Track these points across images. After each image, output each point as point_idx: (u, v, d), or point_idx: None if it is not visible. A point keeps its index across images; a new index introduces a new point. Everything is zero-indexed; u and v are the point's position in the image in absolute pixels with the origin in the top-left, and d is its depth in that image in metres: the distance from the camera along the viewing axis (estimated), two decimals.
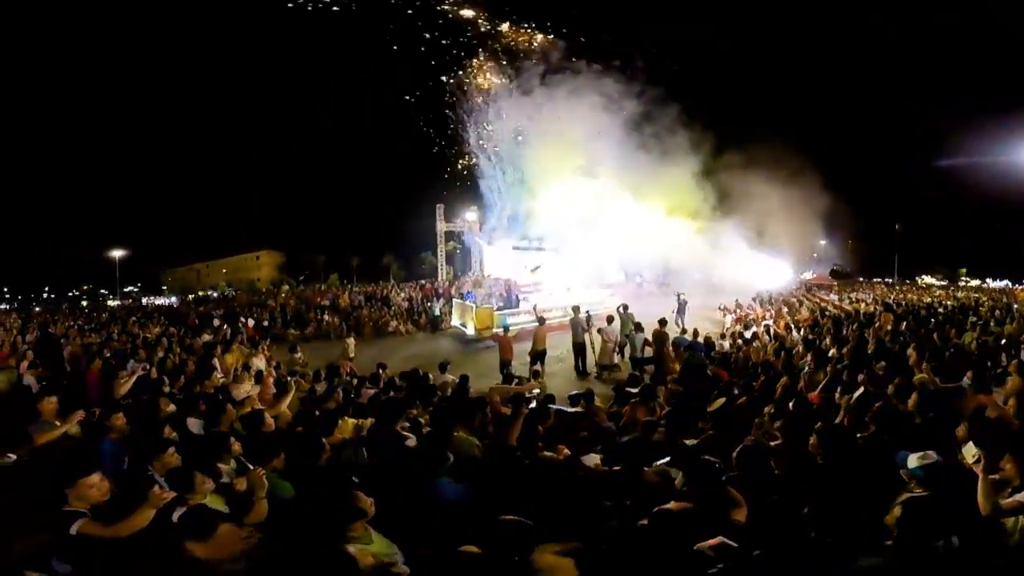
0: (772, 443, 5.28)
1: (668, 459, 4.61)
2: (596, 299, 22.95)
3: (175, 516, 3.67)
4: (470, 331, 22.52)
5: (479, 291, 25.33)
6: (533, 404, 6.55)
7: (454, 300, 26.52)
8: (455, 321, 24.88)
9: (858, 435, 5.47)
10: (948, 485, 3.87)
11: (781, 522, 3.49)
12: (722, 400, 7.91)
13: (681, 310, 21.63)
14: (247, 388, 8.79)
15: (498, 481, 4.49)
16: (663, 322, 15.60)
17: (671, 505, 3.51)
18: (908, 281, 61.12)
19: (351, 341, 18.57)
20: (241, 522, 3.69)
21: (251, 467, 4.39)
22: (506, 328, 20.60)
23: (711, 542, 2.90)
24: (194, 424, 6.53)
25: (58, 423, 5.99)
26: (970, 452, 4.58)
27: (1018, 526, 3.51)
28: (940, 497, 3.70)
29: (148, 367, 10.31)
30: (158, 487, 3.92)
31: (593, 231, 28.29)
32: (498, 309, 22.39)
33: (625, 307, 16.85)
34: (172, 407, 7.47)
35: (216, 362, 12.32)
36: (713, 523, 3.30)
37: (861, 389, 7.01)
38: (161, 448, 4.78)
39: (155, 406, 7.22)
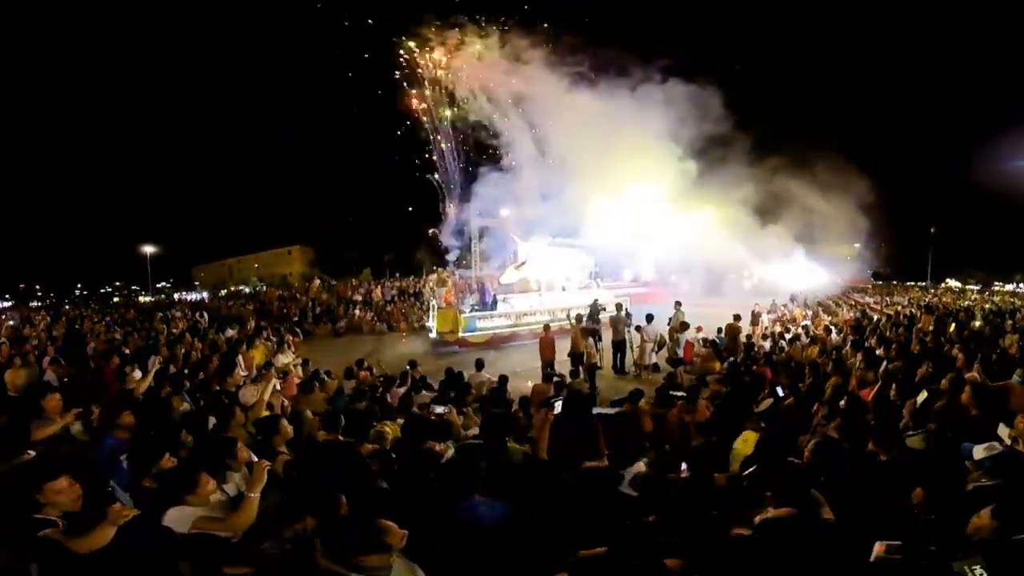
0: None
1: (755, 467, 4.49)
2: (599, 300, 20.41)
3: (167, 519, 3.60)
4: (432, 334, 21.52)
5: (441, 290, 23.74)
6: (558, 408, 6.36)
7: (431, 300, 24.66)
8: (429, 322, 22.86)
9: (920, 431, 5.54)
10: (1014, 474, 3.94)
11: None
12: (770, 401, 7.86)
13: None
14: (254, 390, 8.39)
15: (537, 497, 4.20)
16: (737, 317, 16.22)
17: (773, 512, 3.43)
18: (942, 284, 60.33)
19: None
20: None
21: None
22: (473, 331, 20.31)
23: (879, 548, 2.83)
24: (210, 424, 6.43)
25: (59, 419, 5.99)
26: (1004, 432, 4.75)
27: None
28: (1008, 486, 3.76)
29: (163, 362, 10.27)
30: (119, 504, 3.71)
31: (628, 229, 27.92)
32: (472, 311, 21.62)
33: (677, 304, 16.78)
34: (186, 405, 7.46)
35: (240, 359, 12.29)
36: (811, 525, 3.29)
37: (924, 393, 6.90)
38: (159, 453, 4.54)
39: (167, 404, 7.19)
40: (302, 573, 3.10)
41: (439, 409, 8.01)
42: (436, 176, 32.06)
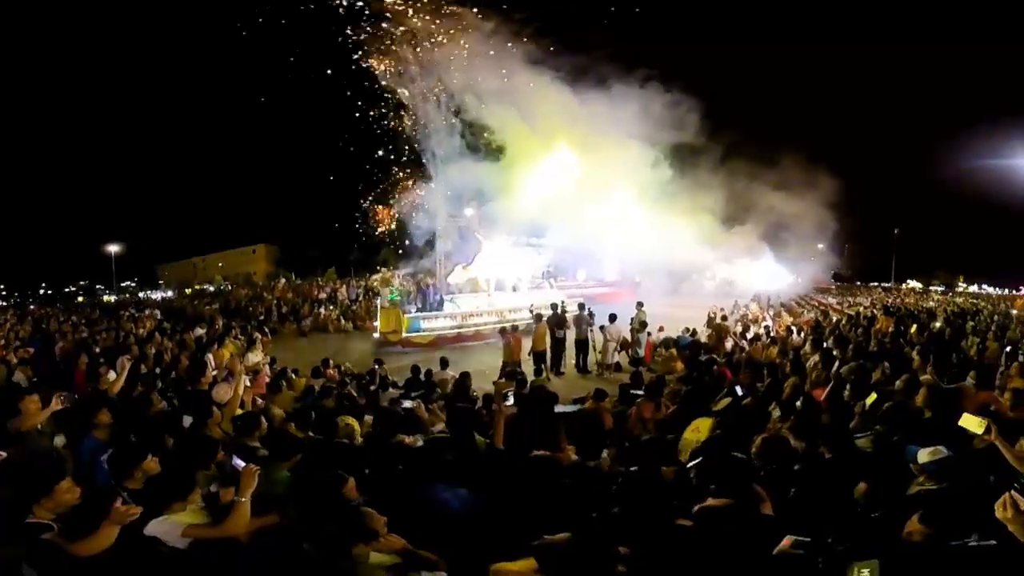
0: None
1: (700, 459, 4.54)
2: (550, 301, 19.03)
3: (150, 529, 3.48)
4: (376, 334, 21.40)
5: (386, 290, 23.39)
6: (511, 401, 6.41)
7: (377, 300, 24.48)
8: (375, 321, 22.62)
9: (868, 432, 5.54)
10: (959, 478, 3.98)
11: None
12: (728, 400, 7.92)
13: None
14: (227, 387, 8.24)
15: (499, 487, 4.30)
16: (724, 318, 16.73)
17: (712, 502, 3.48)
18: (903, 285, 61.28)
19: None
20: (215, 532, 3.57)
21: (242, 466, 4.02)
22: (417, 331, 20.21)
23: (786, 542, 2.89)
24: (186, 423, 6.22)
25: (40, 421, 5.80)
26: (972, 423, 4.55)
27: None
28: (952, 490, 3.82)
29: (131, 360, 10.04)
30: (121, 502, 3.45)
31: (594, 229, 27.97)
32: (418, 310, 21.55)
33: (639, 304, 16.85)
34: (163, 404, 7.24)
35: (211, 357, 12.01)
36: (749, 518, 3.34)
37: (873, 395, 6.98)
38: (141, 454, 4.30)
39: (147, 403, 7.04)
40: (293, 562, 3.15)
41: (407, 404, 8.02)
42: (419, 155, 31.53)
